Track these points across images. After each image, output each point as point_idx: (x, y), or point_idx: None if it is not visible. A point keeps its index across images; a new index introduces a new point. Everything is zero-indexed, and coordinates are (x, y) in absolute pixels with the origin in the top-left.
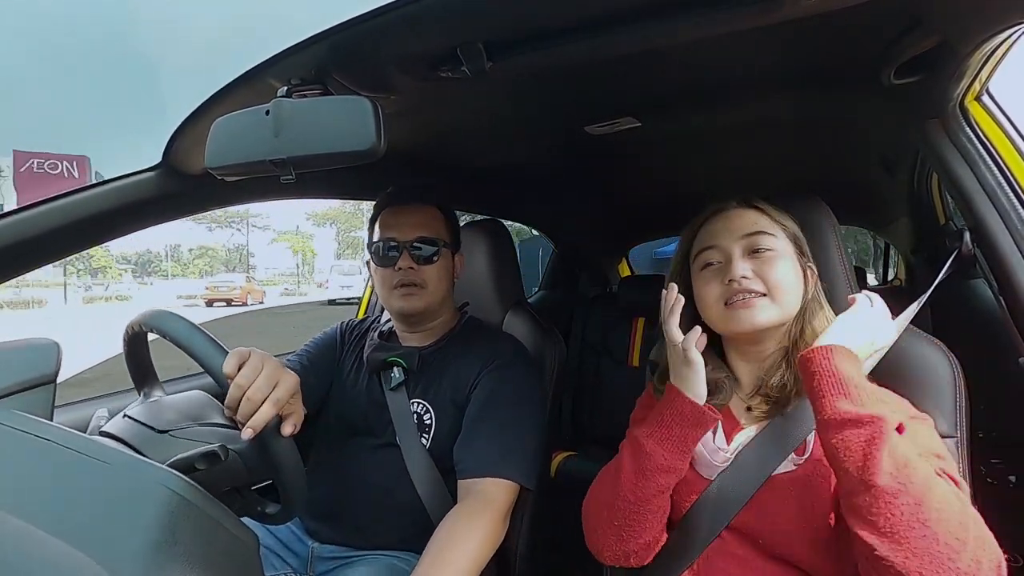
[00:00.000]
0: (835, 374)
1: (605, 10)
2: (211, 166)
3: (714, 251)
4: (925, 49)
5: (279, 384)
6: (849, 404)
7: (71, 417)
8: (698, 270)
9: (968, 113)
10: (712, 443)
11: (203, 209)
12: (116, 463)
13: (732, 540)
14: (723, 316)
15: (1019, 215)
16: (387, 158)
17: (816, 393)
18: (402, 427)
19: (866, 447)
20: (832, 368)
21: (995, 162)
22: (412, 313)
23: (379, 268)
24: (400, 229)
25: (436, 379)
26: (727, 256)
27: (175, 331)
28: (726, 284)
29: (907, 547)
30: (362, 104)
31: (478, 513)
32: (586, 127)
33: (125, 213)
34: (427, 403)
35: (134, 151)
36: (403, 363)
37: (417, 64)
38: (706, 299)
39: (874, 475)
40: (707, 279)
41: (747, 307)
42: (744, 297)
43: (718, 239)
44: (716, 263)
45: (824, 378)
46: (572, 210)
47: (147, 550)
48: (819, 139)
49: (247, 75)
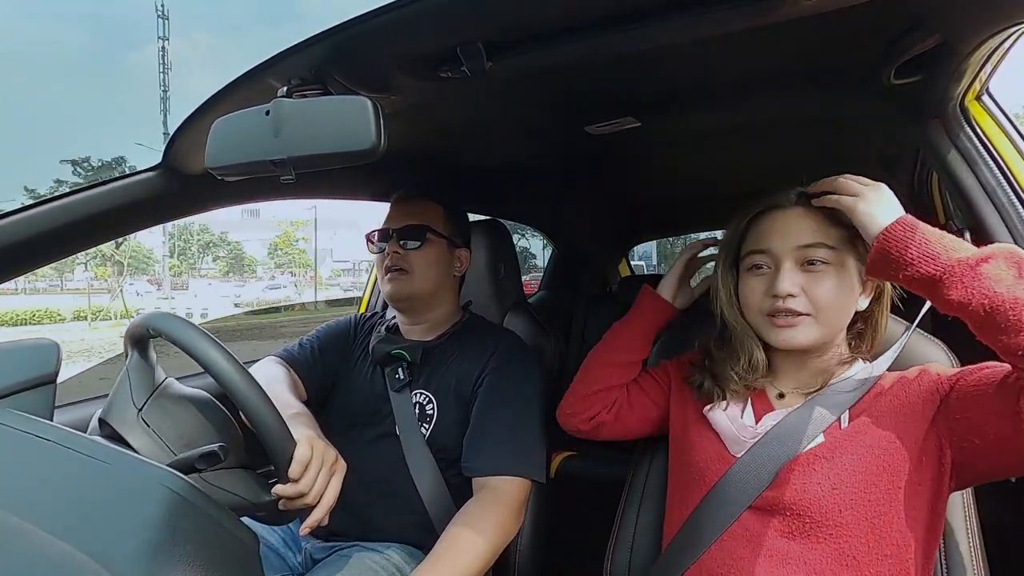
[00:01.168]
0: (929, 239)
1: (605, 10)
2: (211, 166)
3: (764, 256)
4: (925, 49)
5: (331, 482)
6: (964, 252)
7: (71, 417)
8: (745, 269)
9: (968, 113)
10: (740, 419)
11: (203, 209)
12: (116, 463)
13: (754, 521)
14: (763, 326)
15: (1019, 214)
16: (387, 158)
17: (925, 260)
18: (403, 418)
19: (1020, 267)
20: (924, 236)
21: (995, 162)
22: (399, 298)
23: (375, 256)
24: (393, 219)
25: (439, 371)
26: (777, 264)
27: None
28: (771, 297)
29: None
30: (362, 104)
31: (491, 508)
32: (586, 127)
33: (125, 213)
34: (430, 394)
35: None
36: (407, 356)
37: (417, 64)
38: (750, 304)
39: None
40: (753, 285)
41: (790, 326)
42: (787, 316)
43: (771, 243)
44: (765, 268)
45: (926, 244)
46: (572, 210)
47: (147, 550)
48: (819, 139)
49: (247, 75)
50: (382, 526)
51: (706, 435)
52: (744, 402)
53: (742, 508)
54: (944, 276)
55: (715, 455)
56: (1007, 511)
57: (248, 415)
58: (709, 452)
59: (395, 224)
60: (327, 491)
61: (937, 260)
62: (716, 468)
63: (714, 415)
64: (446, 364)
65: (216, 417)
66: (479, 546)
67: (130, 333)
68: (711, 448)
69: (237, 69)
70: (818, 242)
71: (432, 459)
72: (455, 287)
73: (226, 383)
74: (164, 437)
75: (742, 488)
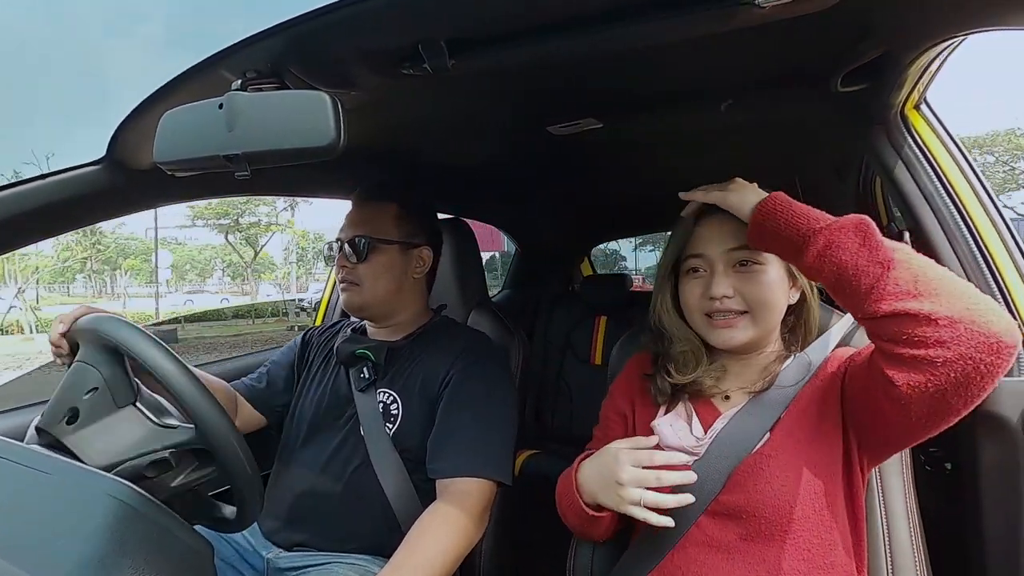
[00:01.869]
0: (794, 211)
1: (566, 12)
2: (160, 160)
3: (700, 259)
4: (871, 58)
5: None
6: (822, 222)
7: (6, 425)
8: (684, 272)
9: (908, 120)
10: (690, 434)
11: (153, 205)
12: (57, 472)
13: (711, 525)
14: (703, 327)
15: (954, 218)
16: (347, 155)
17: (789, 228)
18: (367, 418)
19: (864, 237)
20: (790, 208)
21: (932, 168)
22: (352, 309)
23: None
24: (344, 227)
25: (405, 371)
26: (711, 268)
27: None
28: (708, 299)
29: (945, 295)
30: (321, 99)
31: (454, 511)
32: (548, 127)
33: (66, 209)
34: (394, 393)
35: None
36: (371, 355)
37: (378, 60)
38: (689, 305)
39: (887, 252)
40: (691, 288)
41: (727, 327)
42: (724, 316)
43: (705, 247)
44: (702, 272)
45: (792, 216)
46: (535, 209)
47: (93, 563)
48: (774, 144)
49: (199, 66)
50: (350, 533)
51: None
52: (690, 412)
53: (698, 513)
54: (802, 243)
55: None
56: (942, 497)
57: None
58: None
59: (344, 235)
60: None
61: (799, 229)
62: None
63: (661, 429)
64: (412, 364)
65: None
66: (440, 553)
67: (71, 338)
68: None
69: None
70: (745, 244)
71: (398, 459)
72: (418, 288)
73: (173, 387)
74: (108, 444)
75: (696, 494)
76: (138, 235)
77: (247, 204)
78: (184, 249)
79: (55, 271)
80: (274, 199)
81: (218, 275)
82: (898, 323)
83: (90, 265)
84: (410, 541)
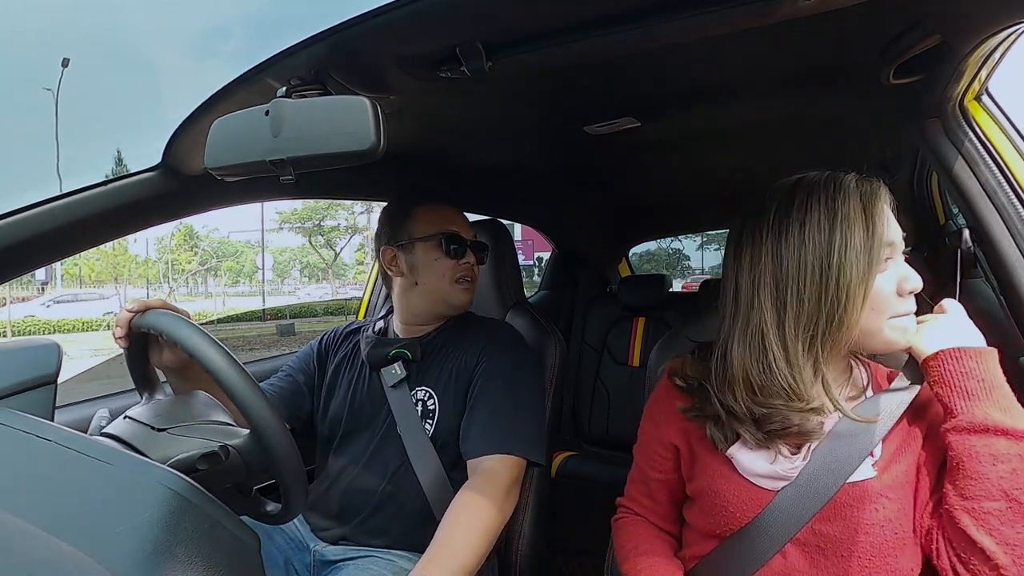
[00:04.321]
0: (985, 378)
1: (604, 10)
2: (210, 166)
3: (891, 248)
4: (924, 49)
5: None
6: (1001, 414)
7: (72, 417)
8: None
9: (968, 113)
10: (779, 456)
11: (203, 210)
12: (117, 463)
13: (797, 555)
14: (891, 330)
15: (1019, 214)
16: (387, 158)
17: (961, 393)
18: (404, 417)
19: (1019, 463)
20: (982, 372)
21: (994, 161)
22: (464, 308)
23: None
24: (462, 226)
25: (438, 364)
26: (894, 256)
27: (175, 332)
28: (906, 296)
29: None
30: (362, 104)
31: (480, 493)
32: (586, 127)
33: (125, 213)
34: (430, 389)
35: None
36: (407, 353)
37: (416, 64)
38: (881, 307)
39: (1021, 491)
40: (886, 282)
41: (908, 326)
42: (907, 311)
43: (892, 232)
44: (889, 263)
45: (974, 380)
46: (572, 210)
47: (148, 550)
48: (819, 139)
49: (246, 75)
50: (389, 531)
51: (732, 478)
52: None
53: (787, 538)
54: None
55: (746, 494)
56: None
57: (246, 414)
58: (739, 491)
59: (467, 235)
60: None
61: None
62: (749, 505)
63: (741, 458)
64: (444, 355)
65: (218, 417)
66: (471, 538)
67: (132, 332)
68: (741, 491)
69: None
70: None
71: (435, 456)
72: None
73: (226, 384)
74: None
75: (783, 524)
76: (229, 239)
77: (328, 209)
78: (268, 251)
79: (184, 272)
80: (352, 203)
81: (295, 275)
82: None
83: (198, 265)
84: (442, 531)
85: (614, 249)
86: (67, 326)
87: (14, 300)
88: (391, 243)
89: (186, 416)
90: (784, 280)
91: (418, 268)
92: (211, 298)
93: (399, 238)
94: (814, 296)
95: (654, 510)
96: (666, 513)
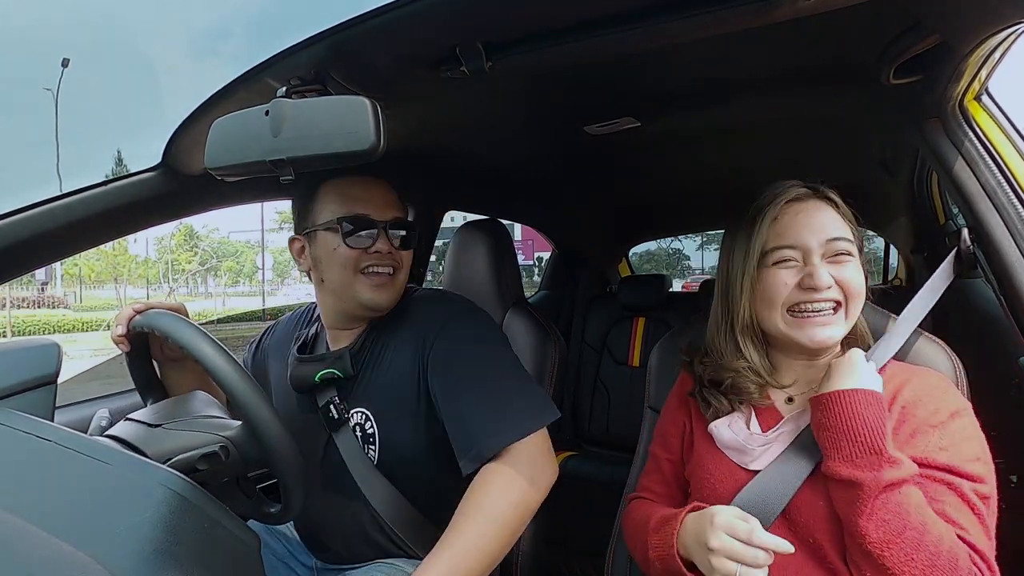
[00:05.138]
0: (831, 426)
1: (604, 10)
2: (210, 166)
3: (792, 251)
4: (924, 49)
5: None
6: (850, 467)
7: (72, 417)
8: (768, 265)
9: (968, 113)
10: (747, 430)
11: (204, 209)
12: (116, 463)
13: (784, 534)
14: (786, 323)
15: (1019, 214)
16: (386, 158)
17: (827, 440)
18: (346, 448)
19: (855, 506)
20: (855, 420)
21: (994, 161)
22: (383, 307)
23: None
24: (374, 207)
25: (372, 376)
26: (807, 258)
27: (175, 332)
28: (804, 290)
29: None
30: (361, 104)
31: (495, 490)
32: (586, 127)
33: (125, 213)
34: (365, 410)
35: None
36: (336, 372)
37: (416, 64)
38: (772, 299)
39: (867, 533)
40: (782, 278)
41: (823, 324)
42: (820, 308)
43: (798, 238)
44: (792, 263)
45: (838, 432)
46: (572, 210)
47: (148, 550)
48: (819, 139)
49: (246, 75)
50: (378, 550)
51: (714, 452)
52: (748, 414)
53: (770, 519)
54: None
55: (727, 471)
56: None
57: (240, 407)
58: (721, 468)
59: (378, 215)
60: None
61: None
62: (729, 483)
63: (719, 431)
64: (378, 364)
65: (212, 412)
66: (484, 543)
67: (131, 332)
68: (722, 464)
69: None
70: (843, 236)
71: (387, 484)
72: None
73: (226, 385)
74: (165, 436)
75: (763, 504)
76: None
77: None
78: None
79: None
80: None
81: (294, 275)
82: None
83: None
84: (447, 537)
85: (614, 249)
86: (67, 326)
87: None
88: (298, 232)
89: (182, 412)
90: (721, 275)
91: (321, 261)
92: (211, 298)
93: (304, 225)
94: (723, 289)
95: (666, 494)
96: (675, 496)
